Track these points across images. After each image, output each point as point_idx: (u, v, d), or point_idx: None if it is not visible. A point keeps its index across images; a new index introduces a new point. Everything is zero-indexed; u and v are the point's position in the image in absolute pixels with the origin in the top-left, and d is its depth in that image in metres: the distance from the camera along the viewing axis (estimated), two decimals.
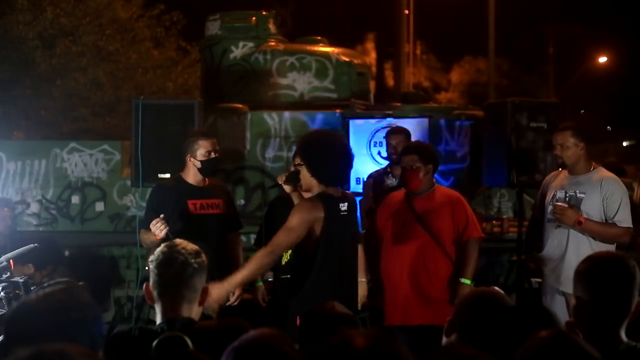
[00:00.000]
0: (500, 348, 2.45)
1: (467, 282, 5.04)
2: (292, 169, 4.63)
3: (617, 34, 25.66)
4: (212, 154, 5.10)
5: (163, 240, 4.49)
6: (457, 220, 5.12)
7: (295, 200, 4.54)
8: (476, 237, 5.17)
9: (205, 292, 2.73)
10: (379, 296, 5.28)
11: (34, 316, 2.08)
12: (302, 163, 4.33)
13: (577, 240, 5.12)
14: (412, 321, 5.10)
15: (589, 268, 2.60)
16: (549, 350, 1.98)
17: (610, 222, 5.06)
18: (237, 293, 5.29)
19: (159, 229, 4.63)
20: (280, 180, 4.57)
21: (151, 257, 2.75)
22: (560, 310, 5.13)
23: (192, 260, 2.69)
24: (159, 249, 2.76)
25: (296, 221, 4.20)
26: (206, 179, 5.23)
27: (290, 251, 5.38)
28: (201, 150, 5.07)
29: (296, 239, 4.25)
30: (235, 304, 5.17)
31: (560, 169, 5.48)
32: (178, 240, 2.79)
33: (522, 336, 2.11)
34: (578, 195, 5.13)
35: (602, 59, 26.91)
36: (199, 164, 5.10)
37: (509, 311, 2.68)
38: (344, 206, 4.32)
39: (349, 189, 7.49)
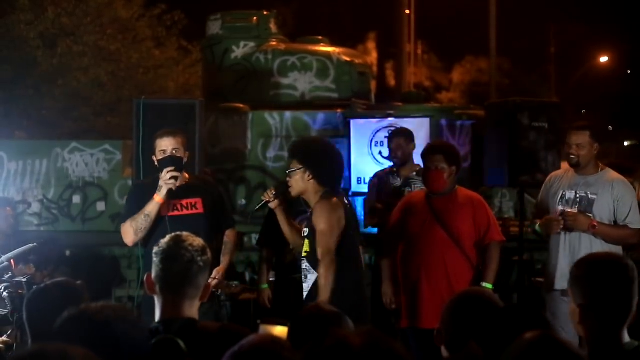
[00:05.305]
0: (490, 348, 2.40)
1: (489, 286, 4.89)
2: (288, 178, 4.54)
3: (618, 34, 25.66)
4: (169, 152, 4.84)
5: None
6: (478, 223, 5.03)
7: (280, 215, 4.51)
8: (497, 240, 5.08)
9: (207, 288, 2.67)
10: (395, 297, 5.20)
11: (49, 295, 2.87)
12: (298, 167, 4.34)
13: (590, 242, 4.98)
14: (428, 324, 4.81)
15: (585, 273, 2.53)
16: (533, 352, 1.91)
17: (621, 224, 4.99)
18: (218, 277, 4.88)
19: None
20: (268, 197, 4.49)
21: (156, 249, 2.65)
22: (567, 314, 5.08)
23: (199, 259, 2.61)
24: (164, 241, 2.65)
25: (329, 222, 4.22)
26: (185, 176, 4.95)
27: (292, 251, 5.39)
28: (157, 149, 4.90)
29: (338, 236, 4.27)
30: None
31: (563, 169, 5.41)
32: (185, 234, 2.68)
33: (513, 336, 2.04)
34: (590, 196, 5.02)
35: (604, 59, 26.91)
36: (157, 164, 4.91)
37: (494, 310, 2.61)
38: (346, 200, 4.48)
39: (349, 189, 7.51)
